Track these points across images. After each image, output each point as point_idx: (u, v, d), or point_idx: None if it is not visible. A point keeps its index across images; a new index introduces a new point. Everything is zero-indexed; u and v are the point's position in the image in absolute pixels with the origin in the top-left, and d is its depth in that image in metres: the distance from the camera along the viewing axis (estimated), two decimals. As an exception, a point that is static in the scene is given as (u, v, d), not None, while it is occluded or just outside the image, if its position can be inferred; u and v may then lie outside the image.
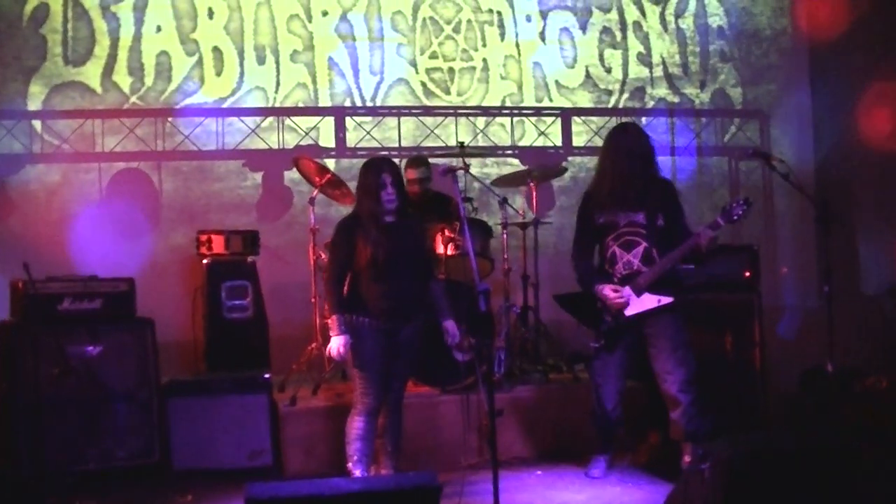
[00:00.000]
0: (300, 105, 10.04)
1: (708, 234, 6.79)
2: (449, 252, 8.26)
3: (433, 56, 10.39)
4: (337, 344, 6.49)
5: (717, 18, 11.14)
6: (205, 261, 8.63)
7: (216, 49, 9.86)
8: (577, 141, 10.67)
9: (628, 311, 6.94)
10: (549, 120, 10.59)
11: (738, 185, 11.04)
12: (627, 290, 6.93)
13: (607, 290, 6.95)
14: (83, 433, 7.32)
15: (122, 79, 9.65)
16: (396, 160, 9.78)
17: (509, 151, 10.45)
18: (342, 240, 6.64)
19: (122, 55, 9.65)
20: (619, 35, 10.85)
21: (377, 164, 6.72)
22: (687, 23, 11.06)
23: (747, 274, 8.38)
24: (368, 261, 6.51)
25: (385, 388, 6.70)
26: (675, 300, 6.94)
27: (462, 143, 9.11)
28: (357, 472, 6.60)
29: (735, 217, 6.80)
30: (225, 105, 9.86)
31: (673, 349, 6.97)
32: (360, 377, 6.63)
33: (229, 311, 8.50)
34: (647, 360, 7.12)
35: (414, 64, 10.33)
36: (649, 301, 6.92)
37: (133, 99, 9.68)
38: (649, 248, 6.93)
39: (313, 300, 8.43)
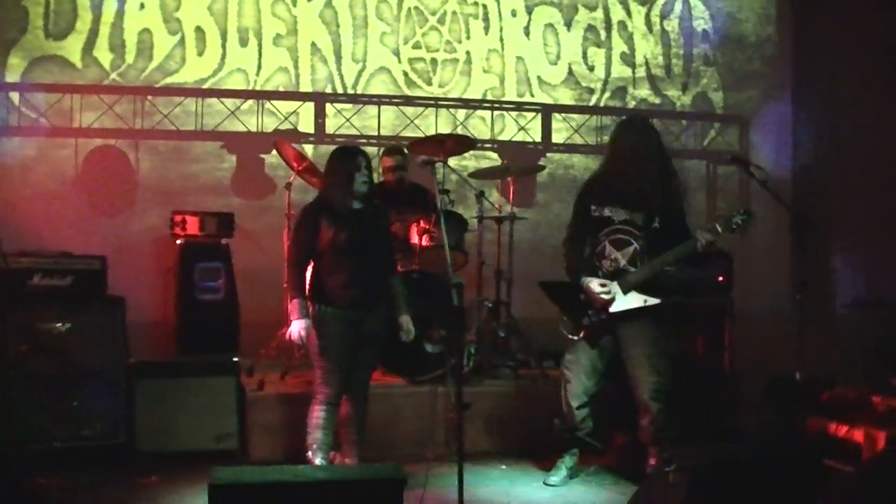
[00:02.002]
0: (281, 89, 10.03)
1: (706, 238, 6.74)
2: (424, 243, 8.28)
3: (416, 46, 10.39)
4: (297, 328, 6.54)
5: (702, 22, 11.19)
6: (178, 241, 8.61)
7: (199, 29, 9.83)
8: (557, 138, 10.69)
9: (613, 308, 6.83)
10: (529, 115, 10.61)
11: (716, 189, 11.10)
12: (615, 285, 6.84)
13: (594, 284, 6.84)
14: (49, 411, 7.28)
15: (103, 55, 9.62)
16: (374, 149, 9.86)
17: (489, 145, 10.46)
18: (305, 223, 6.65)
19: (104, 31, 9.61)
20: (603, 34, 10.88)
21: (352, 149, 6.84)
22: (672, 25, 11.10)
23: (720, 279, 8.44)
24: (331, 246, 6.53)
25: (346, 378, 6.69)
26: (661, 303, 6.87)
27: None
28: (316, 461, 6.59)
29: (734, 227, 6.79)
30: (205, 86, 9.83)
31: (648, 355, 6.86)
32: (321, 366, 6.63)
33: (201, 293, 8.47)
34: (621, 363, 7.04)
35: (397, 53, 10.33)
36: (635, 300, 6.81)
37: (113, 75, 9.64)
38: (640, 251, 6.84)
39: (286, 285, 8.38)
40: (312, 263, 6.70)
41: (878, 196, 9.87)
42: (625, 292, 6.83)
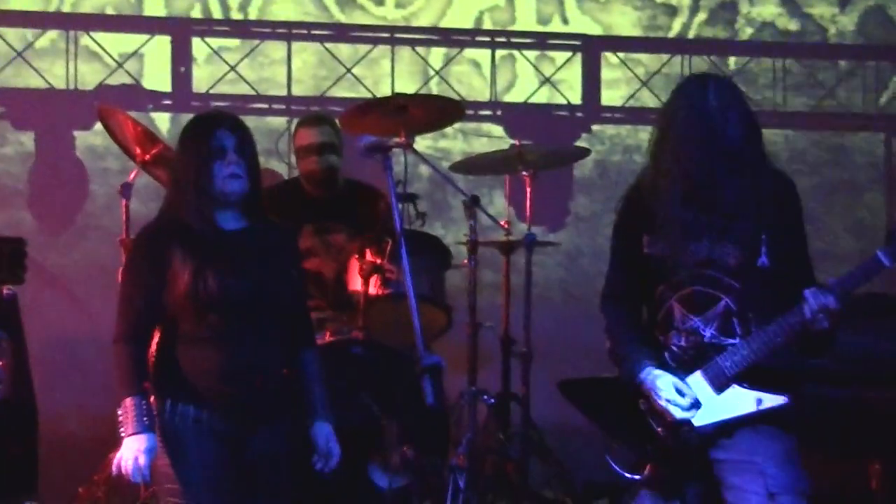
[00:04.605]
0: (109, 13, 10.14)
1: (873, 267, 6.54)
2: (373, 291, 8.34)
3: (356, -66, 10.54)
4: (133, 451, 6.14)
5: None
6: (-79, 291, 8.67)
7: None
8: (611, 96, 10.86)
9: (700, 421, 6.44)
10: (560, 57, 10.75)
11: (901, 183, 11.23)
12: (699, 380, 6.46)
13: (662, 384, 6.46)
14: None
15: None
16: (284, 118, 9.95)
17: (487, 111, 10.61)
18: (142, 261, 6.37)
19: None
20: None
21: (207, 119, 6.53)
22: None
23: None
24: (189, 299, 6.22)
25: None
26: (789, 402, 6.72)
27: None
28: None
29: None
30: (-32, 7, 9.95)
31: (770, 494, 6.79)
32: (177, 515, 6.54)
33: (-36, 386, 8.54)
34: None
35: (320, -53, 10.48)
36: (741, 401, 6.45)
37: None
38: (737, 309, 6.46)
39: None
40: (159, 332, 6.48)
41: None
42: (719, 390, 6.61)
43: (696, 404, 6.36)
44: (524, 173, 9.03)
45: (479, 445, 8.71)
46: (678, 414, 6.32)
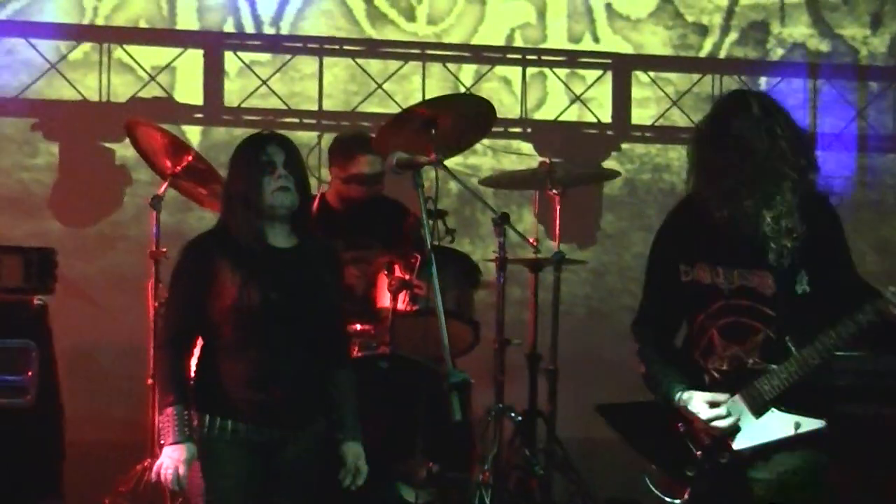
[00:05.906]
0: (142, 26, 10.18)
1: None
2: (400, 307, 8.32)
3: (387, -49, 10.55)
4: (173, 460, 6.20)
5: None
6: (-48, 300, 8.66)
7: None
8: (641, 115, 10.86)
9: (739, 444, 6.40)
10: (590, 75, 10.75)
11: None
12: (737, 401, 6.39)
13: (699, 403, 6.38)
14: None
15: None
16: (314, 133, 9.94)
17: (517, 128, 10.61)
18: (190, 273, 6.40)
19: None
20: (725, -72, 11.03)
21: (258, 136, 6.61)
22: None
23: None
24: (233, 313, 6.28)
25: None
26: (826, 426, 6.63)
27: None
28: None
29: None
30: (1, 16, 9.95)
31: None
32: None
33: (-7, 395, 8.53)
34: None
35: (353, -36, 10.49)
36: (780, 425, 6.39)
37: None
38: (777, 338, 6.37)
39: (150, 380, 8.43)
40: (201, 345, 6.49)
41: None
42: (756, 413, 6.46)
43: (734, 420, 6.28)
44: (554, 191, 9.02)
45: (504, 461, 8.69)
46: (721, 424, 6.26)
